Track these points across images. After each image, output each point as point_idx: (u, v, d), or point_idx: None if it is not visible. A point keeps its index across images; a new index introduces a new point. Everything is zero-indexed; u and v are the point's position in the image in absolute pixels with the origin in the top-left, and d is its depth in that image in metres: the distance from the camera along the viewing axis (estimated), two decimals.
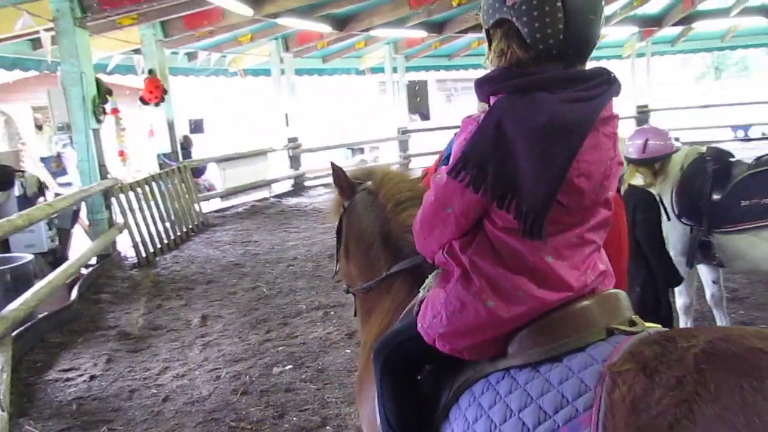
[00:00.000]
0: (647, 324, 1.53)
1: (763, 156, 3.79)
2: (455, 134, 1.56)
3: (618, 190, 3.26)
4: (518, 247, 1.46)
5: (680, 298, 4.04)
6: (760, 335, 1.21)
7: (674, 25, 16.02)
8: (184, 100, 16.96)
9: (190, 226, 9.70)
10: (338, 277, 2.59)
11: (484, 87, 1.52)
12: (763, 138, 16.36)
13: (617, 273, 1.66)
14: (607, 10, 14.49)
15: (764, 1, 15.11)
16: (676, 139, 3.97)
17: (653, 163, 3.78)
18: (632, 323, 1.51)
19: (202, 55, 13.19)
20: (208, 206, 11.34)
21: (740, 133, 16.99)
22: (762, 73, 33.72)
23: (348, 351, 4.68)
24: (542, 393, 1.40)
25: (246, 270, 7.37)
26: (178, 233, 9.19)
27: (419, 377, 1.73)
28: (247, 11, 9.50)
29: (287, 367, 4.50)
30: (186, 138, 12.18)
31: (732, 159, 3.88)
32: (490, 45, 1.55)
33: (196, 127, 24.67)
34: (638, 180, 3.79)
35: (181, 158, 10.70)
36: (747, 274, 4.29)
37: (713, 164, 3.80)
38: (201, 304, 6.18)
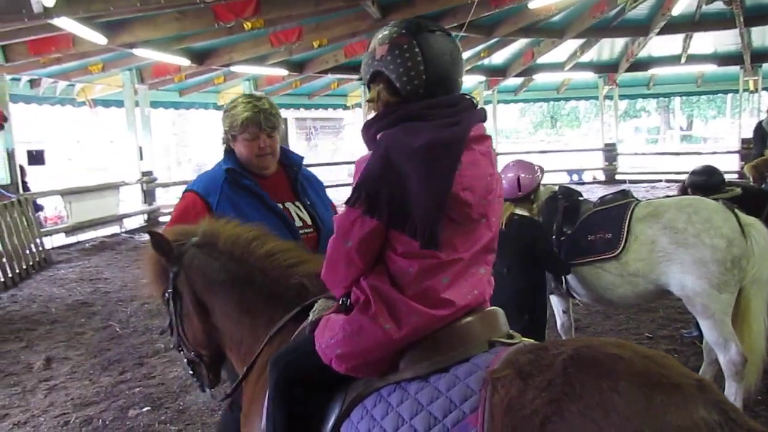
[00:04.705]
0: (523, 338, 1.70)
1: (606, 195, 4.22)
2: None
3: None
4: (416, 270, 1.61)
5: None
6: (617, 344, 1.41)
7: (516, 76, 17.48)
8: (23, 129, 15.77)
9: (30, 263, 8.97)
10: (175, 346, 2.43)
11: (369, 129, 1.70)
12: (594, 182, 18.10)
13: None
14: None
15: (592, 58, 16.95)
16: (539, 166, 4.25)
17: (528, 195, 3.99)
18: (510, 336, 1.69)
19: (45, 82, 12.38)
20: (50, 242, 10.55)
21: (575, 177, 18.68)
22: (590, 123, 37.41)
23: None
24: (432, 400, 1.52)
25: (96, 309, 6.92)
26: (17, 270, 8.46)
27: (311, 393, 1.77)
28: (101, 40, 9.12)
29: (144, 409, 4.28)
30: (21, 169, 11.29)
31: (580, 198, 4.27)
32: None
33: (37, 158, 22.96)
34: (521, 211, 3.97)
35: (21, 190, 9.91)
36: (588, 305, 4.72)
37: (564, 202, 4.17)
38: (44, 345, 5.72)
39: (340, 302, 1.73)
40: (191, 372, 2.44)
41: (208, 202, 2.62)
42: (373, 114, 1.73)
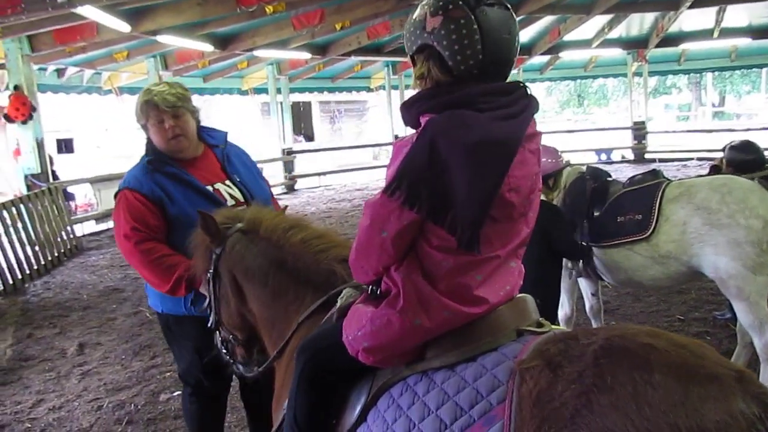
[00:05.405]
0: (552, 326, 1.66)
1: (635, 176, 4.10)
2: (389, 161, 1.60)
3: None
4: (451, 265, 1.53)
5: (561, 309, 4.25)
6: (650, 333, 1.35)
7: (542, 54, 17.20)
8: (51, 118, 15.99)
9: (62, 251, 9.14)
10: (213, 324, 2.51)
11: (411, 108, 1.58)
12: (623, 161, 17.78)
13: None
14: None
15: (621, 34, 16.58)
16: (566, 159, 4.22)
17: (547, 180, 3.97)
18: (539, 325, 1.64)
19: (71, 71, 12.52)
20: (81, 229, 10.72)
21: (603, 157, 18.37)
22: (618, 101, 36.75)
23: None
24: (458, 390, 1.48)
25: (126, 295, 7.03)
26: (49, 258, 8.63)
27: (336, 382, 1.76)
28: (125, 27, 9.16)
29: (175, 393, 4.33)
30: (50, 158, 11.46)
31: (609, 178, 4.16)
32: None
33: (66, 146, 23.34)
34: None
35: (51, 179, 10.06)
36: (617, 288, 4.63)
37: (592, 183, 4.06)
38: (77, 331, 5.82)
39: (369, 291, 1.68)
40: (224, 350, 2.50)
41: (144, 193, 2.66)
42: (417, 90, 1.61)
